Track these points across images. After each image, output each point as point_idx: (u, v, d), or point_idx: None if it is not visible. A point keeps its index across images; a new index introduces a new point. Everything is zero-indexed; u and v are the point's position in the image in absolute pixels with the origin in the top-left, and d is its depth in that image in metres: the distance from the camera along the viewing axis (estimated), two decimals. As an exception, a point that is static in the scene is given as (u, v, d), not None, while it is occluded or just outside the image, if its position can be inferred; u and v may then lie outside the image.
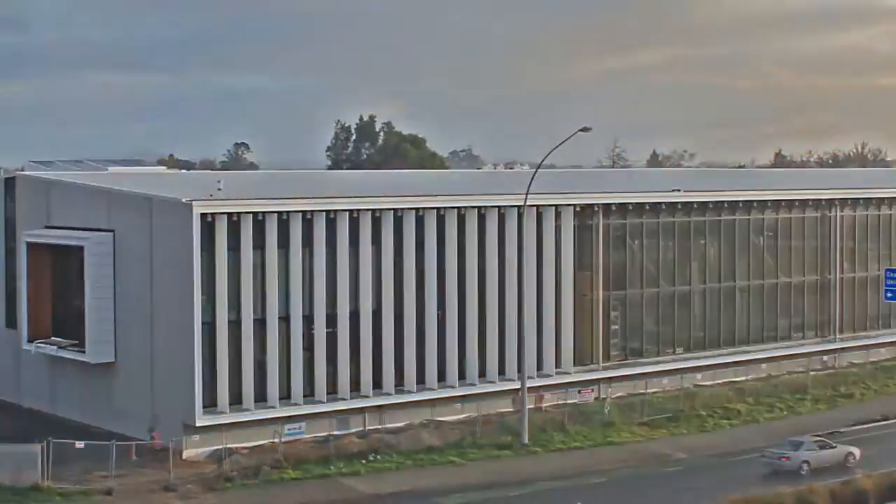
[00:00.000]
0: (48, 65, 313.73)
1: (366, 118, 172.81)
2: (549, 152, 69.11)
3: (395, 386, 66.70)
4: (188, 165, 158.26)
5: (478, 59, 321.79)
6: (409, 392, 67.04)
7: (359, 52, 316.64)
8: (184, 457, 59.41)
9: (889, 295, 72.80)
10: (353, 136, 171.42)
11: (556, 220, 72.27)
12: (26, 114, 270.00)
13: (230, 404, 61.49)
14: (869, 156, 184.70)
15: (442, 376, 68.18)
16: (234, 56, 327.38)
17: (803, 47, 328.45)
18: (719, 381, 77.02)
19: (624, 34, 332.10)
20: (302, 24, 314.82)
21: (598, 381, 72.81)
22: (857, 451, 59.46)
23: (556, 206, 72.26)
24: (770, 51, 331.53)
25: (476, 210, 69.49)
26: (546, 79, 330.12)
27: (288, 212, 63.71)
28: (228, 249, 61.51)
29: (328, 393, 64.37)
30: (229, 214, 61.66)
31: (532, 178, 67.35)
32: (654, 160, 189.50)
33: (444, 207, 68.62)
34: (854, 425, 68.66)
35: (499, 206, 70.15)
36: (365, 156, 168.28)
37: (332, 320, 64.95)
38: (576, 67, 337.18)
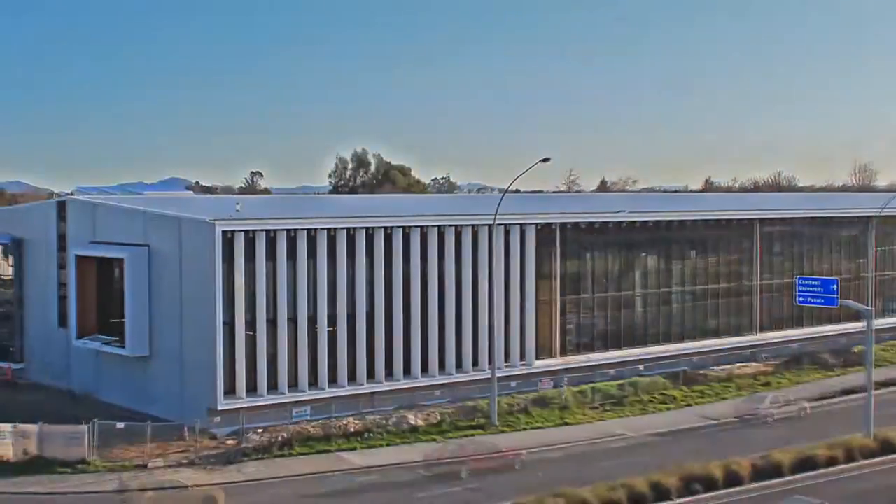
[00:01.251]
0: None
1: (359, 150, 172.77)
2: (515, 179, 69.70)
3: (386, 376, 66.91)
4: (211, 190, 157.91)
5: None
6: (397, 381, 67.28)
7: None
8: (207, 435, 59.65)
9: (800, 299, 73.05)
10: (351, 165, 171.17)
11: (520, 236, 72.61)
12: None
13: (247, 391, 61.75)
14: (784, 182, 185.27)
15: (425, 367, 68.52)
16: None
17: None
18: (658, 372, 77.07)
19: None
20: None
21: (556, 371, 73.05)
22: None
23: (520, 224, 72.53)
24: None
25: (453, 228, 69.78)
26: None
27: (295, 229, 64.01)
28: (245, 261, 61.73)
29: (329, 382, 64.64)
30: (246, 232, 61.95)
31: (500, 201, 67.89)
32: (603, 186, 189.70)
33: (427, 226, 68.95)
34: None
35: (472, 225, 70.41)
36: (360, 182, 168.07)
37: (332, 320, 65.16)
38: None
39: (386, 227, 67.17)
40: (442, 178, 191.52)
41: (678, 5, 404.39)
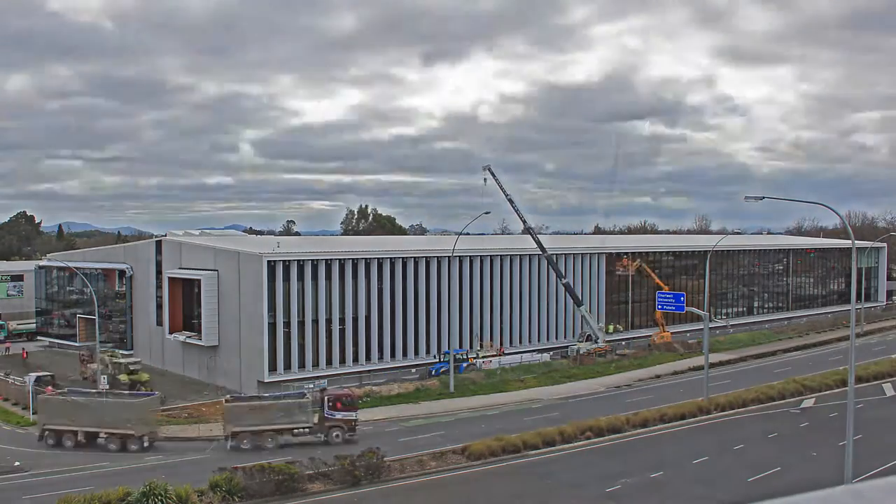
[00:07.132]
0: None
1: (362, 206, 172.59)
2: (466, 226, 69.93)
3: (378, 358, 66.82)
4: (259, 233, 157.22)
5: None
6: (386, 362, 67.17)
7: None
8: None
9: (659, 307, 73.55)
10: (356, 216, 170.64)
11: (470, 264, 72.69)
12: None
13: (283, 368, 61.61)
14: (648, 227, 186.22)
15: (404, 352, 68.44)
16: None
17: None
18: (564, 357, 76.47)
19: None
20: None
21: (494, 355, 72.76)
22: None
23: (469, 256, 72.70)
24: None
25: (424, 258, 69.89)
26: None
27: (316, 259, 63.96)
28: (282, 281, 61.69)
29: (339, 362, 64.56)
30: (283, 261, 61.92)
31: (456, 241, 67.98)
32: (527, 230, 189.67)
33: (406, 257, 69.01)
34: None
35: (437, 257, 70.56)
36: (362, 227, 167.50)
37: (341, 321, 65.06)
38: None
39: (378, 258, 67.29)
40: (417, 225, 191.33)
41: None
